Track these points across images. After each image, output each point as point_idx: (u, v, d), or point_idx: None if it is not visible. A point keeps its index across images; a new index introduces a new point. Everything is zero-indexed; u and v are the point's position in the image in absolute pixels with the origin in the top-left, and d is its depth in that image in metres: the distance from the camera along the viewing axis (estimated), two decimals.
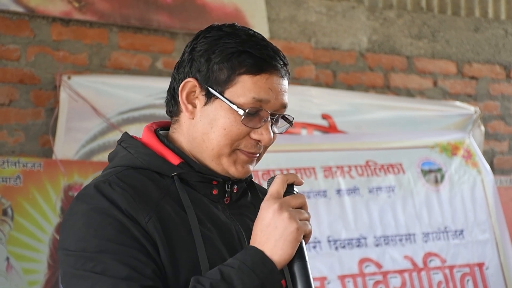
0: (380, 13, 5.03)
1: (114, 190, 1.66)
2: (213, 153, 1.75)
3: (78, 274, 1.61)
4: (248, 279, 1.58)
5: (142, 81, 4.12)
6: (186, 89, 1.78)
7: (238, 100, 1.72)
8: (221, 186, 1.78)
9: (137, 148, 1.80)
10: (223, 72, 1.73)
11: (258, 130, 1.74)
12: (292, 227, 1.62)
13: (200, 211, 1.72)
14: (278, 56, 1.76)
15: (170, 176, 1.74)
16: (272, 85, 1.74)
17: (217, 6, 4.38)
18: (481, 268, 4.34)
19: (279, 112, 1.76)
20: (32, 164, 3.69)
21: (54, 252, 3.65)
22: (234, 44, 1.74)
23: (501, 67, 5.44)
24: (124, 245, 1.61)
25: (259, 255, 1.61)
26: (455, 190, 4.42)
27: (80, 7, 4.05)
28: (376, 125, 4.59)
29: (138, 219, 1.64)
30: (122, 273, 1.58)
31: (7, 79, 3.92)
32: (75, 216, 1.66)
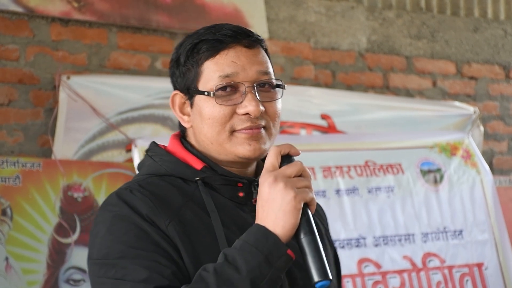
0: (380, 13, 5.03)
1: (135, 196, 1.69)
2: (214, 146, 1.76)
3: (100, 281, 1.65)
4: (251, 256, 1.57)
5: (141, 81, 4.12)
6: (176, 103, 1.81)
7: (208, 86, 1.74)
8: (247, 188, 1.78)
9: (161, 156, 1.81)
10: (190, 69, 1.76)
11: (241, 104, 1.73)
12: (289, 196, 1.59)
13: (225, 215, 1.72)
14: (237, 31, 1.76)
15: (194, 181, 1.75)
16: (236, 57, 1.74)
17: (217, 6, 4.38)
18: (480, 268, 4.34)
19: (258, 81, 1.74)
20: (31, 164, 3.69)
21: (53, 252, 3.65)
22: (191, 40, 1.77)
23: (500, 67, 5.44)
24: (144, 250, 1.63)
25: (261, 230, 1.60)
26: (454, 190, 4.42)
27: (79, 7, 4.05)
28: (375, 125, 4.59)
29: (158, 223, 1.66)
30: (141, 276, 1.60)
31: (6, 79, 3.92)
32: (99, 225, 1.70)
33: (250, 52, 1.76)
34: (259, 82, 1.74)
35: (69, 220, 3.70)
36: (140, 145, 3.80)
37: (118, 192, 1.72)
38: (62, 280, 3.65)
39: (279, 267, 1.58)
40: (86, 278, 3.69)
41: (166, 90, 4.14)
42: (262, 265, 1.56)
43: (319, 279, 1.59)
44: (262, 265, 1.56)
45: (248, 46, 1.76)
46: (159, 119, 4.08)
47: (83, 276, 3.69)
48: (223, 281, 1.55)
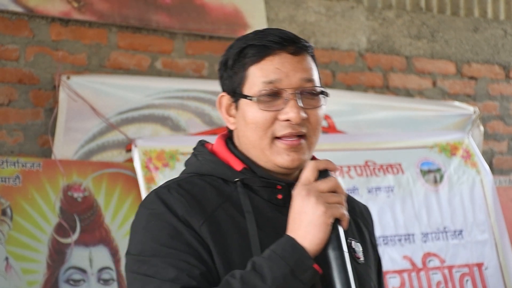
0: (379, 13, 5.03)
1: (172, 195, 1.73)
2: (256, 151, 1.79)
3: (133, 276, 1.71)
4: (277, 267, 1.59)
5: (141, 81, 4.11)
6: (223, 105, 1.84)
7: (252, 91, 1.77)
8: (286, 190, 1.78)
9: (204, 155, 1.84)
10: (237, 73, 1.80)
11: (283, 110, 1.75)
12: (319, 211, 1.62)
13: (261, 216, 1.74)
14: (284, 37, 1.78)
15: (233, 182, 1.78)
16: (280, 64, 1.77)
17: (216, 6, 4.38)
18: (480, 268, 4.34)
19: (301, 88, 1.77)
20: (31, 164, 3.69)
21: (53, 252, 3.65)
22: (239, 44, 1.81)
23: (500, 67, 5.44)
24: (176, 249, 1.67)
25: (289, 242, 1.62)
26: (454, 190, 4.42)
27: (79, 7, 4.05)
28: (375, 125, 4.59)
29: (192, 223, 1.69)
30: (170, 275, 1.64)
31: (6, 79, 3.92)
32: (137, 222, 1.76)
33: (295, 59, 1.78)
34: (302, 89, 1.77)
35: (69, 220, 3.70)
36: (140, 145, 3.80)
37: (157, 191, 1.77)
38: (62, 280, 3.65)
39: (304, 280, 1.60)
40: (86, 278, 3.69)
41: (166, 90, 4.14)
42: (288, 276, 1.59)
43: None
44: (287, 276, 1.59)
45: (293, 53, 1.78)
46: (159, 119, 4.08)
47: (83, 276, 3.69)
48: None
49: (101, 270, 3.73)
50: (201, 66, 4.39)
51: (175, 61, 4.33)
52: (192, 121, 4.15)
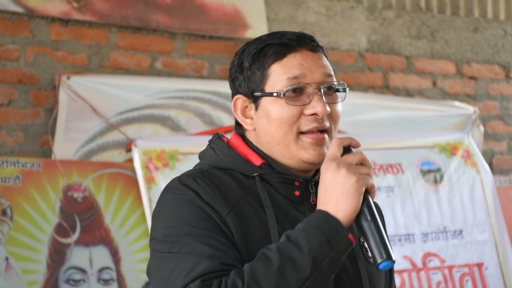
0: (379, 13, 5.03)
1: (197, 183, 1.74)
2: (281, 148, 1.80)
3: (165, 256, 1.69)
4: (313, 237, 1.61)
5: (141, 81, 4.11)
6: (239, 107, 1.86)
7: (276, 88, 1.79)
8: (304, 187, 1.81)
9: (222, 149, 1.85)
10: (256, 73, 1.82)
11: (309, 105, 1.79)
12: (352, 180, 1.64)
13: (280, 212, 1.77)
14: (301, 36, 1.83)
15: (252, 176, 1.79)
16: (303, 60, 1.81)
17: (216, 6, 4.38)
18: (480, 268, 4.34)
19: (324, 83, 1.81)
20: (31, 164, 3.69)
21: (53, 252, 3.65)
22: (255, 45, 1.84)
23: (500, 67, 5.44)
24: (208, 230, 1.68)
25: (323, 215, 1.64)
26: (454, 190, 4.42)
27: (79, 7, 4.05)
28: (375, 125, 4.59)
29: (218, 211, 1.71)
30: (206, 252, 1.65)
31: (6, 79, 3.92)
32: (162, 206, 1.76)
33: (315, 56, 1.83)
34: (325, 84, 1.81)
35: (69, 220, 3.70)
36: (140, 145, 3.80)
37: (180, 178, 1.77)
38: (62, 280, 3.65)
39: (339, 250, 1.62)
40: (86, 278, 3.69)
41: (166, 90, 4.14)
42: (324, 245, 1.60)
43: (382, 260, 1.62)
44: (323, 245, 1.60)
45: (312, 50, 1.83)
46: (159, 119, 4.08)
47: (83, 276, 3.69)
48: (286, 259, 1.59)
49: (101, 270, 3.73)
50: (201, 66, 4.39)
51: (175, 61, 4.33)
52: (192, 121, 4.15)
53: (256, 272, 1.59)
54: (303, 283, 1.59)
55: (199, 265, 1.63)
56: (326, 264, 1.61)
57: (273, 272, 1.59)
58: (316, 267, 1.60)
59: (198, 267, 1.63)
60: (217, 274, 1.62)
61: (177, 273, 1.65)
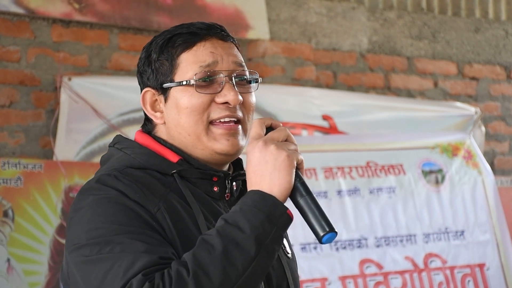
0: (381, 14, 5.03)
1: (121, 182, 1.66)
2: (192, 139, 1.75)
3: (94, 259, 1.58)
4: (252, 216, 1.56)
5: None
6: (147, 100, 1.83)
7: (186, 76, 1.75)
8: (222, 182, 1.77)
9: (133, 148, 1.78)
10: (164, 64, 1.77)
11: (220, 93, 1.74)
12: (282, 155, 1.60)
13: (204, 208, 1.71)
14: (210, 25, 1.78)
15: (170, 174, 1.73)
16: (213, 48, 1.76)
17: (218, 7, 4.38)
18: (481, 268, 4.34)
19: (236, 71, 1.76)
20: (33, 165, 3.69)
21: (54, 253, 3.65)
22: (163, 36, 1.79)
23: (501, 67, 5.44)
24: (138, 227, 1.60)
25: (257, 194, 1.60)
26: (456, 190, 4.42)
27: (80, 8, 4.05)
28: (376, 126, 4.59)
29: (147, 208, 1.63)
30: (141, 248, 1.56)
31: (7, 80, 3.92)
32: (82, 210, 1.65)
33: (226, 45, 1.78)
34: (237, 73, 1.76)
35: None
36: None
37: (99, 179, 1.69)
38: None
39: (281, 226, 1.59)
40: None
41: None
42: (265, 223, 1.56)
43: (325, 232, 1.60)
44: (264, 223, 1.56)
45: (222, 39, 1.78)
46: None
47: None
48: (228, 241, 1.54)
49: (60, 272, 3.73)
50: None
51: None
52: None
53: (200, 258, 1.54)
54: (250, 263, 1.55)
55: (137, 261, 1.54)
56: (270, 242, 1.57)
57: (218, 256, 1.53)
58: (260, 245, 1.55)
59: (137, 263, 1.53)
60: (158, 267, 1.53)
61: (113, 273, 1.54)
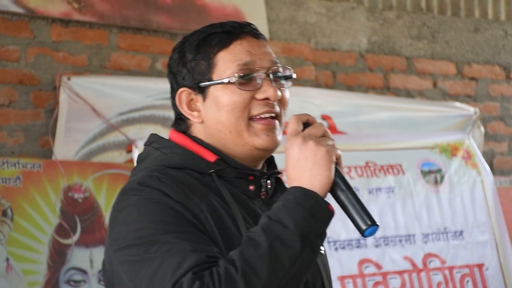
0: (380, 14, 5.03)
1: (163, 183, 1.67)
2: (233, 135, 1.77)
3: (142, 258, 1.59)
4: (295, 212, 1.58)
5: (141, 82, 4.12)
6: (183, 101, 1.82)
7: (225, 75, 1.76)
8: (257, 181, 1.79)
9: (171, 148, 1.81)
10: (201, 63, 1.79)
11: (260, 89, 1.76)
12: (322, 151, 1.63)
13: (242, 207, 1.73)
14: (242, 23, 1.80)
15: (208, 173, 1.74)
16: (249, 47, 1.78)
17: (217, 7, 4.38)
18: (480, 269, 4.34)
19: (273, 68, 1.79)
20: (32, 165, 3.69)
21: (53, 253, 3.65)
22: (196, 36, 1.83)
23: (500, 68, 5.44)
24: (183, 227, 1.61)
25: (298, 190, 1.61)
26: (455, 191, 4.42)
27: (79, 8, 4.05)
28: (375, 126, 4.59)
29: (190, 208, 1.64)
30: (188, 247, 1.57)
31: (6, 80, 3.92)
32: (126, 210, 1.66)
33: (260, 43, 1.81)
34: (273, 70, 1.79)
35: (69, 221, 3.70)
36: (141, 146, 3.80)
37: (140, 180, 1.68)
38: (63, 281, 3.65)
39: (324, 221, 1.61)
40: (87, 279, 3.69)
41: (167, 91, 4.11)
42: (308, 218, 1.58)
43: (367, 226, 1.62)
44: (307, 218, 1.58)
45: (256, 37, 1.81)
46: (159, 120, 4.08)
47: (83, 277, 3.69)
48: (274, 238, 1.56)
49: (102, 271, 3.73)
50: None
51: None
52: None
53: (247, 256, 1.54)
54: (296, 259, 1.56)
55: (186, 260, 1.54)
56: (314, 237, 1.58)
57: (264, 253, 1.54)
58: (305, 241, 1.57)
59: (186, 262, 1.54)
60: (207, 266, 1.54)
61: (161, 272, 1.55)
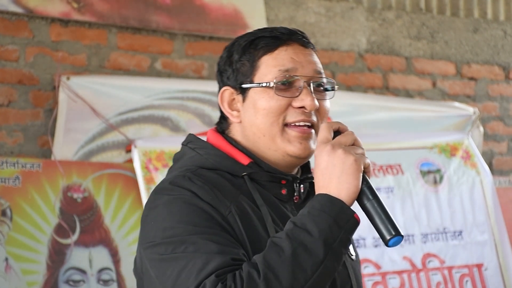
0: (379, 14, 5.04)
1: (194, 183, 1.70)
2: (266, 139, 1.78)
3: (169, 257, 1.63)
4: (320, 219, 1.60)
5: (141, 81, 4.12)
6: (226, 99, 1.84)
7: (266, 79, 1.78)
8: (290, 185, 1.80)
9: (206, 149, 1.83)
10: (245, 64, 1.81)
11: (298, 97, 1.77)
12: (350, 160, 1.64)
13: (272, 210, 1.75)
14: (292, 30, 1.82)
15: (241, 176, 1.77)
16: (294, 54, 1.80)
17: (216, 7, 4.38)
18: (480, 269, 4.34)
19: (314, 78, 1.79)
20: (31, 164, 3.69)
21: (52, 252, 3.65)
22: (246, 38, 1.83)
23: (500, 68, 5.45)
24: (211, 228, 1.64)
25: (325, 197, 1.63)
26: (454, 191, 4.42)
27: (79, 7, 4.05)
28: (375, 126, 4.59)
29: (219, 210, 1.67)
30: (214, 249, 1.60)
31: (6, 79, 3.92)
32: (157, 209, 1.70)
33: (306, 51, 1.82)
34: (315, 80, 1.79)
35: (68, 220, 3.70)
36: (140, 146, 3.80)
37: (172, 180, 1.72)
38: (62, 281, 3.65)
39: (348, 230, 1.62)
40: (86, 279, 3.69)
41: (166, 90, 4.14)
42: (333, 226, 1.60)
43: (391, 236, 1.65)
44: (332, 227, 1.60)
45: (303, 45, 1.82)
46: (158, 119, 4.08)
47: (82, 276, 3.69)
48: (297, 244, 1.58)
49: (101, 270, 3.73)
50: (201, 66, 4.39)
51: (175, 62, 4.33)
52: (192, 122, 4.15)
53: (270, 261, 1.57)
54: (318, 266, 1.58)
55: (211, 261, 1.58)
56: (337, 245, 1.60)
57: (287, 259, 1.57)
58: (328, 249, 1.59)
59: (210, 264, 1.58)
60: (230, 268, 1.58)
61: (186, 272, 1.60)
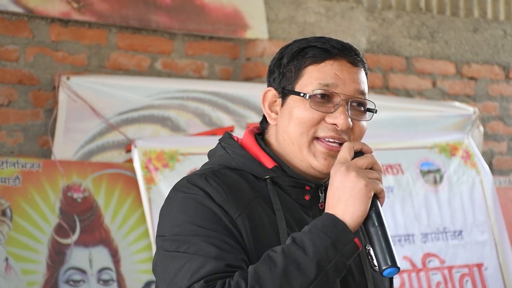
0: (379, 14, 5.04)
1: (209, 184, 1.73)
2: (294, 148, 1.79)
3: (172, 255, 1.69)
4: (318, 239, 1.61)
5: (141, 81, 4.12)
6: (267, 99, 1.86)
7: (306, 89, 1.79)
8: (314, 192, 1.81)
9: (234, 149, 1.84)
10: (291, 70, 1.82)
11: (332, 114, 1.78)
12: (360, 184, 1.65)
13: (290, 215, 1.76)
14: (345, 46, 1.84)
15: (263, 179, 1.79)
16: (339, 70, 1.81)
17: (216, 6, 4.38)
18: (480, 268, 4.34)
19: (353, 97, 1.81)
20: (31, 164, 3.69)
21: (52, 252, 3.65)
22: (298, 44, 1.87)
23: (500, 67, 5.45)
24: (216, 231, 1.68)
25: (329, 218, 1.64)
26: (454, 190, 4.42)
27: (79, 7, 4.05)
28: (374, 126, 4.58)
29: (229, 212, 1.70)
30: (213, 253, 1.65)
31: (6, 79, 3.92)
32: (171, 204, 1.76)
33: (353, 70, 1.83)
34: (355, 99, 1.81)
35: (68, 220, 3.70)
36: (140, 146, 3.80)
37: (190, 178, 1.76)
38: (62, 281, 3.65)
39: (345, 254, 1.62)
40: (86, 279, 3.69)
41: (166, 90, 4.15)
42: (329, 249, 1.61)
43: (387, 266, 1.64)
44: (329, 249, 1.60)
45: (352, 63, 1.83)
46: (158, 119, 4.08)
47: (82, 276, 3.69)
48: (290, 261, 1.60)
49: (101, 270, 3.73)
50: (201, 66, 4.39)
51: (175, 62, 4.33)
52: (192, 122, 4.15)
53: (260, 274, 1.59)
54: (307, 286, 1.59)
55: (205, 266, 1.63)
56: (331, 268, 1.61)
57: (277, 274, 1.59)
58: (320, 270, 1.60)
59: (204, 268, 1.62)
60: (222, 275, 1.61)
61: (182, 272, 1.65)
